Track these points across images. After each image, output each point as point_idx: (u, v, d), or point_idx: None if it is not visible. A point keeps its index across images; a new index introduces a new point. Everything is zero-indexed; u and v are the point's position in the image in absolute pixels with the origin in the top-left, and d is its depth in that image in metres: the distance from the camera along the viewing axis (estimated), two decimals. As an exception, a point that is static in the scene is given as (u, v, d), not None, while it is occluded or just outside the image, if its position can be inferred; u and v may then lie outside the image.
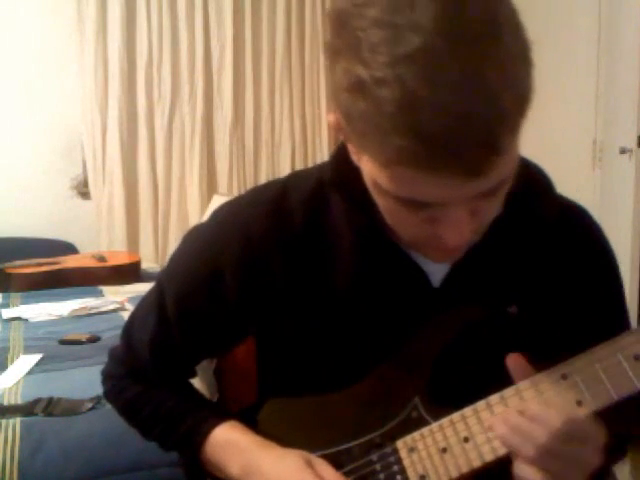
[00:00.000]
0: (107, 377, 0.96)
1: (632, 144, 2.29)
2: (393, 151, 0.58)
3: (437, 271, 0.79)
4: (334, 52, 0.62)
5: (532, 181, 0.80)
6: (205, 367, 1.00)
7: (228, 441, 0.84)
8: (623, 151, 2.32)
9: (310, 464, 0.77)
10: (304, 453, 0.79)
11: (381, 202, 0.69)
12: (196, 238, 0.86)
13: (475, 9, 0.57)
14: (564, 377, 0.72)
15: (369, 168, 0.65)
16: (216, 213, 0.86)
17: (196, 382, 0.98)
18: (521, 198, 0.76)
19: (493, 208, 0.68)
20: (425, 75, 0.56)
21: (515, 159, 0.63)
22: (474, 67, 0.56)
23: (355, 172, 0.70)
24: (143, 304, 0.92)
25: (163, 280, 0.89)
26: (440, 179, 0.59)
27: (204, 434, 0.85)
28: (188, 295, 0.84)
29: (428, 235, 0.68)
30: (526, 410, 0.71)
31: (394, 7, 0.57)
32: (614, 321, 0.85)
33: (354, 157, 0.70)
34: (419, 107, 0.56)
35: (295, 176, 0.86)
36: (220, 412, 0.89)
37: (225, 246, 0.81)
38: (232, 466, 0.82)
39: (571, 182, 0.87)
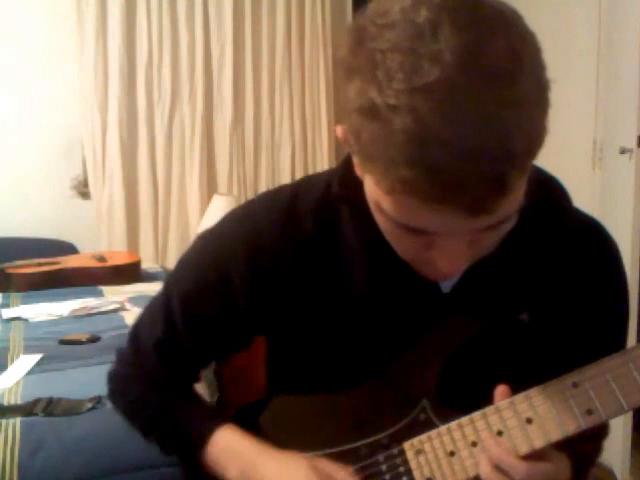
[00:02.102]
0: (113, 378, 0.96)
1: (632, 144, 2.28)
2: (398, 180, 0.58)
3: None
4: (349, 70, 0.61)
5: (548, 193, 0.80)
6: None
7: (228, 445, 0.84)
8: (623, 151, 2.31)
9: (315, 468, 0.77)
10: (307, 457, 0.78)
11: (380, 220, 0.69)
12: (206, 242, 0.87)
13: (498, 46, 0.56)
14: (575, 385, 0.72)
15: (372, 188, 0.65)
16: (226, 218, 0.86)
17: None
18: (537, 210, 0.75)
19: (493, 239, 0.67)
20: (440, 109, 0.55)
21: (521, 196, 0.63)
22: (491, 107, 0.55)
23: (361, 184, 0.70)
24: (150, 308, 0.92)
25: (170, 284, 0.89)
26: (443, 213, 0.58)
27: (204, 438, 0.85)
28: (196, 298, 0.85)
29: (422, 258, 0.68)
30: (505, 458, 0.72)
31: (416, 33, 0.56)
32: (610, 341, 0.84)
33: (358, 171, 0.69)
34: (430, 140, 0.55)
35: (304, 183, 0.86)
36: (221, 416, 0.89)
37: (235, 251, 0.81)
38: (231, 470, 0.83)
39: (571, 182, 0.87)
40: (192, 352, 0.89)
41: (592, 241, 0.84)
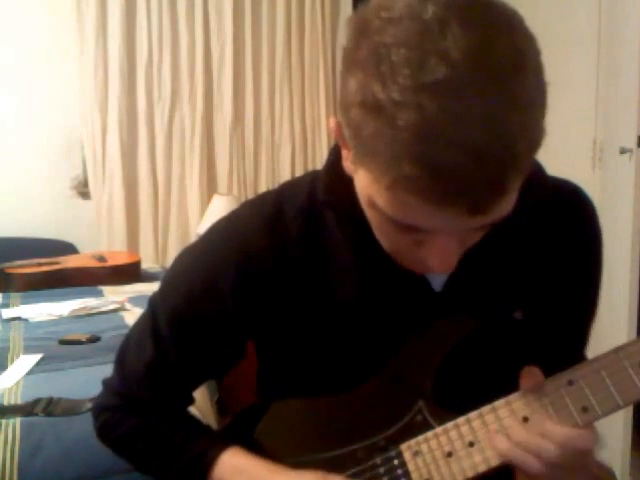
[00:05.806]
0: (101, 409, 0.94)
1: (632, 144, 2.28)
2: (400, 177, 0.57)
3: (438, 276, 0.78)
4: (350, 62, 0.60)
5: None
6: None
7: (236, 466, 0.82)
8: (623, 151, 2.31)
9: None
10: (319, 473, 0.77)
11: (371, 216, 0.68)
12: (192, 256, 0.85)
13: (505, 47, 0.56)
14: (570, 383, 0.72)
15: (366, 184, 0.63)
16: (210, 231, 0.85)
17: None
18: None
19: (480, 237, 0.68)
20: (448, 107, 0.54)
21: (515, 197, 0.62)
22: (497, 108, 0.55)
23: (348, 184, 0.69)
24: (134, 332, 0.90)
25: (155, 302, 0.87)
26: (441, 213, 0.58)
27: (211, 461, 0.83)
28: (185, 312, 0.83)
29: (411, 255, 0.68)
30: (531, 426, 0.71)
31: (423, 30, 0.55)
32: (584, 305, 0.86)
33: (348, 165, 0.68)
34: (436, 138, 0.54)
35: (287, 188, 0.85)
36: (223, 438, 0.87)
37: (224, 260, 0.80)
38: None
39: (571, 182, 0.87)
40: (182, 369, 0.87)
41: (573, 208, 0.84)
